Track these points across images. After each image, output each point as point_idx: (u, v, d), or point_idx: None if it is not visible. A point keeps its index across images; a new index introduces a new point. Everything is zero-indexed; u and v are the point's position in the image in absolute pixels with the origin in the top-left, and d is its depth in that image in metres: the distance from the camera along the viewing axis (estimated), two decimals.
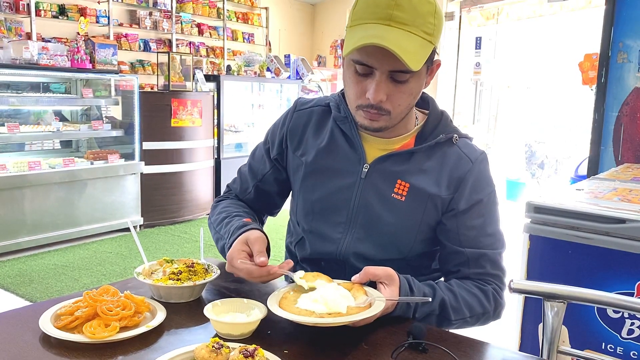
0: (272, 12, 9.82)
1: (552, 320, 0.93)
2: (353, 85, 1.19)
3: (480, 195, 1.27)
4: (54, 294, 3.68)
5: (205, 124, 5.84)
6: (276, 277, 1.16)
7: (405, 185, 1.25)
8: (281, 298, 1.09)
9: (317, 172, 1.32)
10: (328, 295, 1.04)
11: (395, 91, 1.16)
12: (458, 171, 1.26)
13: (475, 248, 1.25)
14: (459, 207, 1.25)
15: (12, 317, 1.11)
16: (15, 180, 4.36)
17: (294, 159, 1.37)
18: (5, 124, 4.44)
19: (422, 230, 1.27)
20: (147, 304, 1.10)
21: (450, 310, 1.18)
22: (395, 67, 1.12)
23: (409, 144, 1.29)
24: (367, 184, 1.27)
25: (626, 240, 1.46)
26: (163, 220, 5.54)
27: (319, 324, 1.00)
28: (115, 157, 5.09)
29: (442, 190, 1.25)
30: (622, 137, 2.63)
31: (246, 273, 1.14)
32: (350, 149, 1.30)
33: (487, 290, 1.25)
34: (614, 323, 1.50)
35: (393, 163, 1.27)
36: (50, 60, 4.60)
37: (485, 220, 1.27)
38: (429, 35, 1.13)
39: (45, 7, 6.80)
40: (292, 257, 1.45)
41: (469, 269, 1.26)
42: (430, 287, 1.19)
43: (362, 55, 1.13)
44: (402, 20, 1.10)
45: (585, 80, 3.41)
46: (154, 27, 8.04)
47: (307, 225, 1.35)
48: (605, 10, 2.63)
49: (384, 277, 1.11)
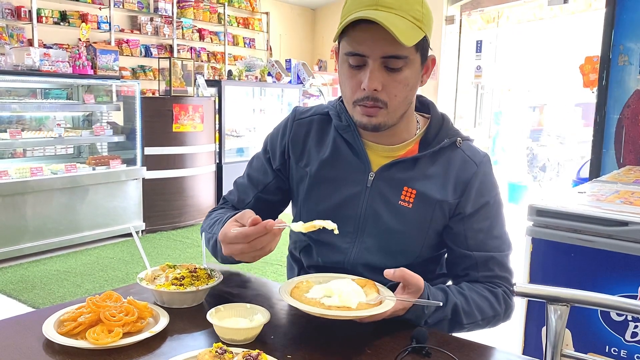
0: (273, 17, 9.84)
1: (555, 324, 0.93)
2: (348, 80, 1.19)
3: (486, 198, 1.27)
4: (57, 300, 3.68)
5: (206, 129, 5.85)
6: (275, 235, 1.08)
7: (412, 192, 1.25)
8: (293, 287, 1.10)
9: (323, 183, 1.30)
10: (341, 289, 1.05)
11: (389, 80, 1.15)
12: (463, 175, 1.26)
13: (483, 251, 1.26)
14: (466, 210, 1.25)
15: (16, 323, 1.11)
16: (17, 186, 4.37)
17: (298, 169, 1.35)
18: (7, 130, 4.45)
19: (429, 236, 1.27)
20: (150, 310, 1.10)
21: (462, 315, 1.18)
22: (387, 51, 1.12)
23: (413, 150, 1.29)
24: (373, 192, 1.26)
25: (629, 243, 1.46)
26: (165, 226, 5.55)
27: (325, 315, 1.00)
28: (117, 163, 5.10)
29: (449, 195, 1.25)
30: (624, 140, 2.63)
31: (243, 238, 1.07)
32: (355, 158, 1.29)
33: (497, 293, 1.25)
34: (617, 326, 1.49)
35: (398, 170, 1.26)
36: (52, 67, 4.61)
37: (492, 222, 1.28)
38: (418, 21, 1.13)
39: (47, 13, 6.82)
40: (297, 264, 1.43)
41: (477, 273, 1.26)
42: (442, 291, 1.18)
43: (353, 44, 1.14)
44: (388, 4, 1.11)
45: (586, 83, 3.42)
46: (155, 33, 8.07)
47: (313, 234, 1.32)
48: (606, 13, 2.63)
49: (413, 287, 1.10)
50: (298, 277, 1.18)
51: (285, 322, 1.15)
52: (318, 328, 1.10)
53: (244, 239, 1.07)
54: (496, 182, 1.32)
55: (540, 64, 8.68)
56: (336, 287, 1.06)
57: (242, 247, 1.08)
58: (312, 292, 1.07)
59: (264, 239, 1.07)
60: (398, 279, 1.10)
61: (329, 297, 1.04)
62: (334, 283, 1.08)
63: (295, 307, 1.04)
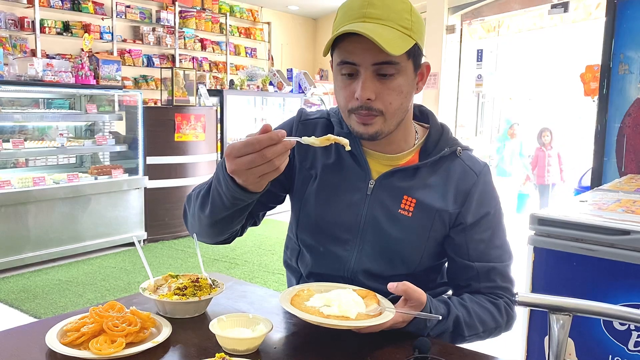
0: (274, 27, 9.90)
1: (558, 333, 0.93)
2: (342, 90, 1.19)
3: (487, 208, 1.27)
4: (58, 310, 3.68)
5: (208, 138, 5.87)
6: (286, 148, 1.00)
7: (412, 200, 1.25)
8: (294, 295, 1.11)
9: (325, 189, 1.30)
10: (340, 299, 1.05)
11: (383, 88, 1.15)
12: (464, 185, 1.26)
13: (484, 262, 1.26)
14: (467, 221, 1.26)
15: (19, 333, 1.11)
16: (19, 196, 4.38)
17: (301, 170, 1.33)
18: (10, 140, 4.47)
19: (429, 245, 1.27)
20: (152, 320, 1.11)
21: (464, 327, 1.18)
22: (377, 59, 1.12)
23: (413, 160, 1.29)
24: (373, 200, 1.26)
25: (631, 252, 1.46)
26: (166, 235, 5.54)
27: (323, 323, 1.01)
28: (119, 172, 5.11)
29: (449, 204, 1.25)
30: (625, 148, 2.63)
31: (254, 145, 0.97)
32: (356, 165, 1.29)
33: (499, 304, 1.25)
34: (620, 335, 1.49)
35: (399, 179, 1.26)
36: (54, 77, 4.64)
37: (493, 232, 1.28)
38: (407, 30, 1.13)
39: (50, 24, 6.87)
40: (294, 274, 1.42)
41: (479, 283, 1.26)
42: (444, 304, 1.18)
43: (344, 54, 1.15)
44: (376, 15, 1.12)
45: (587, 92, 3.42)
46: (157, 43, 8.12)
47: (312, 241, 1.32)
48: (606, 22, 2.64)
49: (415, 302, 1.10)
50: (299, 285, 1.18)
51: (287, 332, 1.15)
52: (320, 338, 1.10)
53: (256, 145, 0.97)
54: (496, 192, 1.32)
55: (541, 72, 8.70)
56: (336, 296, 1.06)
57: (253, 156, 0.98)
58: (312, 301, 1.08)
59: (276, 149, 0.98)
60: (400, 293, 1.10)
61: (329, 307, 1.04)
62: (334, 293, 1.08)
63: (295, 315, 1.04)
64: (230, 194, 1.10)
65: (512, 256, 1.31)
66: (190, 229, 1.33)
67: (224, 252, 5.08)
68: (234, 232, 1.31)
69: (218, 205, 1.16)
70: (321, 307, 1.05)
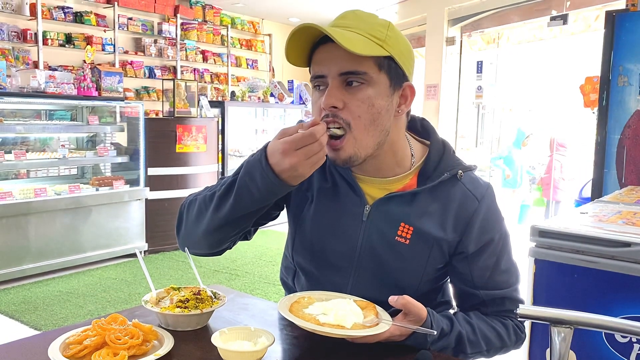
0: (275, 38, 9.95)
1: (559, 346, 0.93)
2: (314, 105, 1.17)
3: (490, 234, 1.23)
4: (59, 321, 3.67)
5: (209, 149, 5.88)
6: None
7: (409, 228, 1.20)
8: (294, 302, 1.11)
9: (321, 214, 1.26)
10: (338, 308, 1.06)
11: (350, 98, 1.11)
12: (464, 212, 1.21)
13: (490, 289, 1.23)
14: (469, 249, 1.22)
15: (21, 346, 1.11)
16: (21, 207, 4.38)
17: (299, 190, 1.28)
18: (12, 151, 4.49)
19: (428, 271, 1.23)
20: (155, 332, 1.11)
21: (467, 344, 1.16)
22: (343, 67, 1.10)
23: (411, 184, 1.24)
24: (369, 226, 1.22)
25: (632, 264, 1.46)
26: (167, 246, 5.54)
27: (317, 331, 1.01)
28: (120, 183, 5.12)
29: (448, 233, 1.21)
30: (625, 160, 2.63)
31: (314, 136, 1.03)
32: (350, 191, 1.24)
33: (508, 325, 1.24)
34: (622, 348, 1.48)
35: (396, 205, 1.21)
36: (57, 89, 4.66)
37: (498, 258, 1.24)
38: (379, 40, 1.10)
39: (52, 36, 6.91)
40: (290, 292, 1.37)
41: (487, 309, 1.25)
42: (448, 320, 1.16)
43: (314, 67, 1.15)
44: (345, 24, 1.12)
45: (586, 103, 3.44)
46: (158, 55, 8.16)
47: (307, 265, 1.29)
48: (605, 34, 2.66)
49: (414, 317, 1.09)
50: (301, 292, 1.17)
51: (289, 345, 1.15)
52: (322, 351, 1.11)
53: (315, 135, 1.03)
54: (500, 215, 1.27)
55: (541, 84, 8.73)
56: (335, 305, 1.07)
57: (313, 146, 1.04)
58: (310, 309, 1.08)
59: (325, 136, 1.06)
60: (400, 307, 1.09)
61: (325, 315, 1.05)
62: (334, 302, 1.09)
63: (296, 326, 1.05)
64: (267, 187, 1.08)
65: (519, 277, 1.28)
66: (183, 240, 1.29)
67: (224, 264, 5.07)
68: (232, 240, 1.27)
69: (245, 202, 1.12)
70: (318, 315, 1.05)
